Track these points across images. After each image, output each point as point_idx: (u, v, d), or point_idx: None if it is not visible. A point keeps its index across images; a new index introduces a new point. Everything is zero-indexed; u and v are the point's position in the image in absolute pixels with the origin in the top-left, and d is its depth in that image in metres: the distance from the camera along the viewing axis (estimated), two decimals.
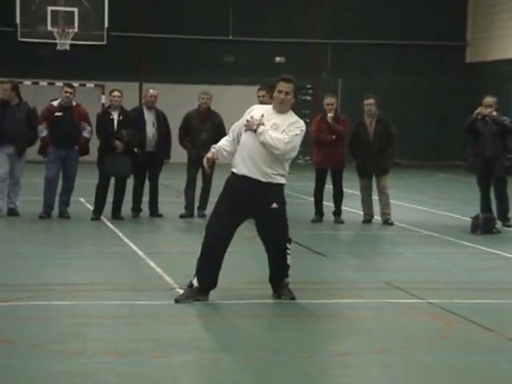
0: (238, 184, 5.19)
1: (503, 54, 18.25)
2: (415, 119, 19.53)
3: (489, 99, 8.93)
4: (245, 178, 5.16)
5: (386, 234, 8.78)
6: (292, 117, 5.29)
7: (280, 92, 5.20)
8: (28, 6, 16.87)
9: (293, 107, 5.38)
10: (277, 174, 5.20)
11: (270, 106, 5.34)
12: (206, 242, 5.22)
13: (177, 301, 5.20)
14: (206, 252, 5.20)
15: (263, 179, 5.16)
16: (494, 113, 8.79)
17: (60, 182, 9.18)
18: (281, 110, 5.26)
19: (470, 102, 18.91)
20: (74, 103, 9.16)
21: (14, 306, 5.11)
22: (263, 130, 5.13)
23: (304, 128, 5.29)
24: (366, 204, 9.37)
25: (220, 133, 8.72)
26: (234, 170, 5.25)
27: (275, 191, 5.22)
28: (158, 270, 6.32)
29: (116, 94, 9.17)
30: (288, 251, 5.33)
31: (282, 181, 5.24)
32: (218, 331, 4.72)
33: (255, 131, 5.13)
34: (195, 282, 5.22)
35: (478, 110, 8.87)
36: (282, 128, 5.19)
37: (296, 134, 5.19)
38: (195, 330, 4.75)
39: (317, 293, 5.68)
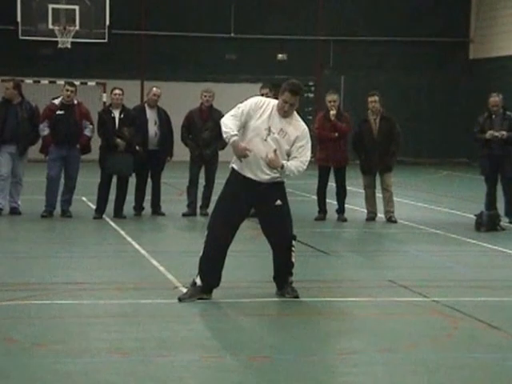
0: (241, 182, 5.17)
1: (507, 50, 18.18)
2: (418, 116, 19.47)
3: (495, 98, 8.90)
4: (248, 178, 5.15)
5: (390, 232, 8.75)
6: (296, 121, 5.23)
7: (285, 102, 5.14)
8: (29, 4, 16.84)
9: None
10: (276, 176, 5.21)
11: (275, 104, 5.25)
12: (208, 240, 5.20)
13: (180, 299, 5.18)
14: (209, 250, 5.18)
15: (266, 181, 5.17)
16: (504, 133, 8.76)
17: (62, 181, 9.17)
18: (280, 113, 5.19)
19: (474, 98, 18.93)
20: (75, 101, 9.14)
21: (17, 305, 5.10)
22: (287, 166, 5.11)
23: (308, 132, 5.28)
24: (370, 202, 9.34)
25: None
26: (236, 168, 5.21)
27: (278, 189, 5.23)
28: (161, 268, 6.30)
29: (117, 92, 9.15)
30: (293, 248, 5.32)
31: (281, 179, 5.26)
32: (221, 330, 4.70)
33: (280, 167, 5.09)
34: (198, 281, 5.20)
35: (488, 136, 8.79)
36: (289, 137, 5.13)
37: (307, 151, 5.20)
38: (199, 329, 4.73)
39: (321, 291, 5.66)
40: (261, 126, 5.14)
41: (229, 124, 5.12)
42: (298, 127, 5.21)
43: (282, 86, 5.21)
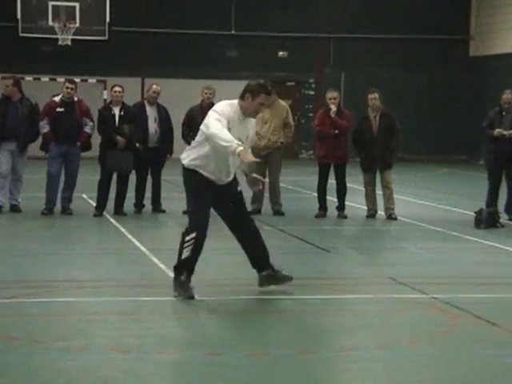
0: (213, 185, 5.20)
1: (507, 47, 18.16)
2: (418, 113, 19.45)
3: (508, 95, 8.89)
4: (216, 184, 5.21)
5: (390, 229, 8.76)
6: (249, 119, 5.29)
7: (262, 105, 5.18)
8: (29, 1, 16.82)
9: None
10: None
11: (236, 106, 5.15)
12: (197, 241, 5.16)
13: (191, 297, 5.17)
14: (197, 250, 5.19)
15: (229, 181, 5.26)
16: None
17: (62, 178, 9.17)
18: (251, 116, 5.24)
19: (474, 96, 18.92)
20: (75, 99, 9.14)
21: (17, 302, 5.11)
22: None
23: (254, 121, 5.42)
24: (370, 199, 9.35)
25: None
26: (204, 174, 5.16)
27: (234, 177, 5.35)
28: (162, 266, 6.31)
29: (117, 89, 9.15)
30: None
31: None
32: (222, 327, 4.71)
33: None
34: (184, 277, 5.22)
35: (496, 133, 8.79)
36: (250, 138, 5.27)
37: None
38: (199, 326, 4.74)
39: (321, 288, 5.67)
40: (234, 137, 5.10)
41: (226, 135, 4.94)
42: (252, 124, 5.31)
43: (249, 88, 5.14)
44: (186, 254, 5.20)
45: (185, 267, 5.22)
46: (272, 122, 9.35)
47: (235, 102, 5.20)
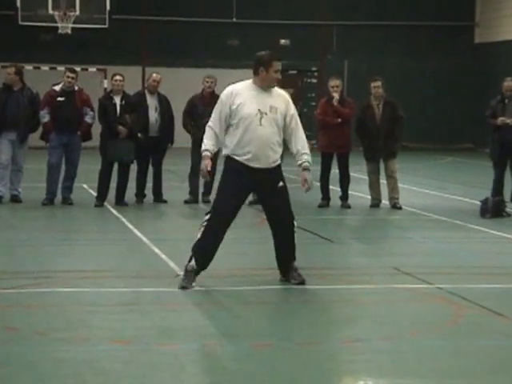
0: (245, 171, 5.14)
1: None
2: (423, 101, 19.33)
3: (509, 83, 8.80)
4: (254, 168, 5.12)
5: (394, 219, 8.70)
6: (276, 91, 5.24)
7: (277, 72, 5.17)
8: None
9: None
10: (278, 157, 5.23)
11: (249, 82, 5.19)
12: (210, 225, 5.14)
13: (184, 287, 5.13)
14: (211, 234, 5.14)
15: (271, 166, 5.17)
16: None
17: (63, 168, 9.12)
18: (270, 87, 5.18)
19: (479, 83, 18.78)
20: (76, 88, 9.06)
21: (18, 293, 5.07)
22: (309, 160, 5.23)
23: (288, 96, 5.35)
24: (374, 188, 9.27)
25: None
26: (237, 158, 5.14)
27: (278, 171, 5.26)
28: (163, 256, 6.26)
29: (118, 78, 9.07)
30: (295, 229, 5.29)
31: (279, 161, 5.28)
32: (223, 318, 4.67)
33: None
34: (193, 264, 5.15)
35: (499, 122, 8.71)
36: (280, 110, 5.15)
37: (298, 118, 5.30)
38: (201, 317, 4.70)
39: (325, 278, 5.62)
40: (249, 112, 5.08)
41: (207, 136, 5.23)
42: (281, 96, 5.23)
43: (261, 60, 5.12)
44: (198, 235, 5.16)
45: (199, 251, 5.14)
46: None
47: (247, 81, 5.21)
